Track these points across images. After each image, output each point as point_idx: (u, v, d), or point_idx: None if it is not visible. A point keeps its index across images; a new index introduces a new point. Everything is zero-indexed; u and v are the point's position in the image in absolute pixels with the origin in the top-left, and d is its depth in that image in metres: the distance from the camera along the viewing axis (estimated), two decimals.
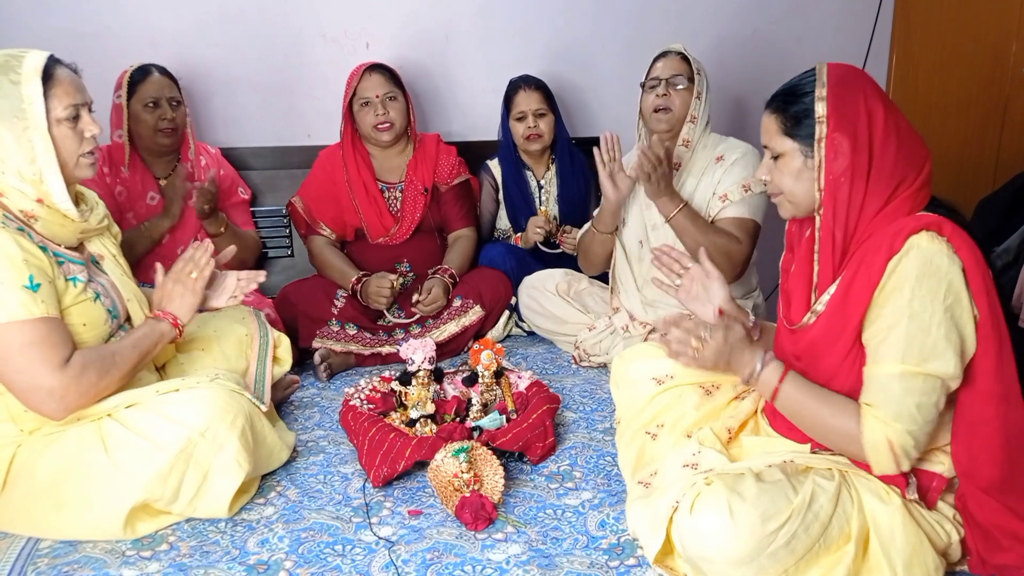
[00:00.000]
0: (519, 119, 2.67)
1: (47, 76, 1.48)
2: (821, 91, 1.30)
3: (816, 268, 1.36)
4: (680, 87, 2.20)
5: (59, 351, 1.47)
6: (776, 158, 1.38)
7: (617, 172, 2.20)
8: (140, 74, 2.42)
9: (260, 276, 1.81)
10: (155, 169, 2.52)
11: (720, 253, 2.13)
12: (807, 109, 1.32)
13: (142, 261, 2.39)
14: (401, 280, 2.49)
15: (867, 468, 1.31)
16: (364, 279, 2.48)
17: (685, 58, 2.22)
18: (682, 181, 2.24)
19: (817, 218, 1.33)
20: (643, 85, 2.26)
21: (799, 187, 1.36)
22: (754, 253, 2.27)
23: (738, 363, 1.42)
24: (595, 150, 2.21)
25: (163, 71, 2.46)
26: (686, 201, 2.16)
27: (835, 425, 1.32)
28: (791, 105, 1.35)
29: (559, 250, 2.70)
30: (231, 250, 1.86)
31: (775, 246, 2.22)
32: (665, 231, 2.21)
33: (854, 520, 1.27)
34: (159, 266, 1.79)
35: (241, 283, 1.84)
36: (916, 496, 1.31)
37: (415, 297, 2.48)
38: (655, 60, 2.26)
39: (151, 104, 2.40)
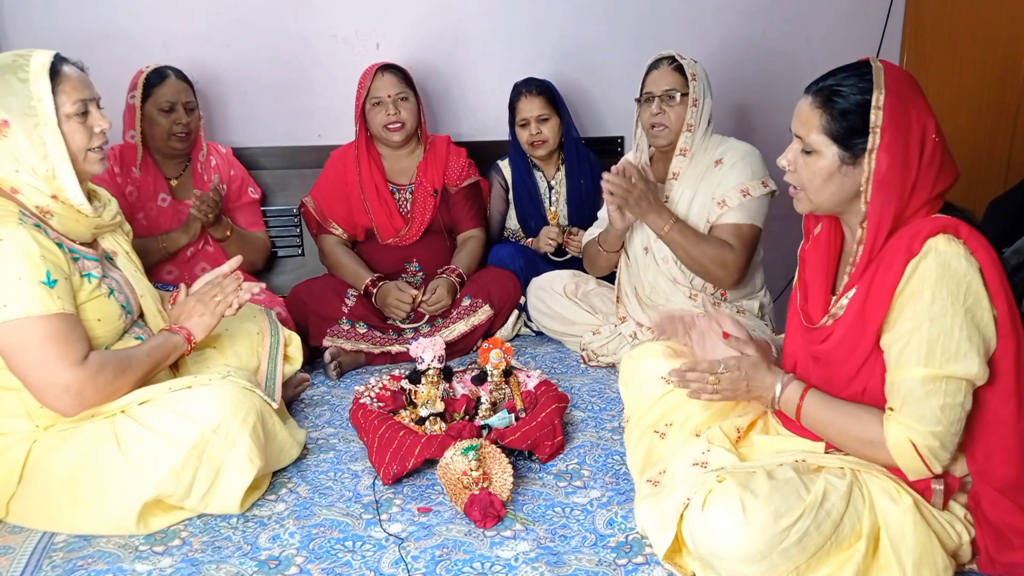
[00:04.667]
0: (522, 126, 2.67)
1: (54, 73, 1.50)
2: (879, 98, 1.26)
3: (841, 271, 1.36)
4: (674, 101, 2.16)
5: (76, 347, 1.49)
6: (806, 152, 1.34)
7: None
8: (157, 77, 2.41)
9: (255, 288, 1.82)
10: (166, 170, 2.52)
11: (713, 263, 2.13)
12: (855, 111, 1.28)
13: (154, 268, 2.38)
14: (421, 294, 2.48)
15: (902, 475, 1.31)
16: (381, 284, 2.49)
17: (678, 67, 2.17)
18: (680, 190, 2.21)
19: (856, 227, 1.32)
20: (638, 99, 2.23)
21: (826, 189, 1.33)
22: (758, 254, 2.24)
23: (759, 388, 1.44)
24: (603, 178, 2.14)
25: (180, 75, 2.45)
26: (677, 216, 2.15)
27: (860, 435, 1.32)
28: (837, 103, 1.29)
29: (568, 257, 2.70)
30: (237, 259, 1.85)
31: (782, 244, 2.23)
32: None
33: (865, 518, 1.27)
34: (183, 285, 1.82)
35: (240, 294, 1.79)
36: (941, 504, 1.31)
37: (420, 297, 2.49)
38: (648, 72, 2.22)
39: (166, 108, 2.40)
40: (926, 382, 1.24)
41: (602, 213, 2.47)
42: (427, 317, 2.51)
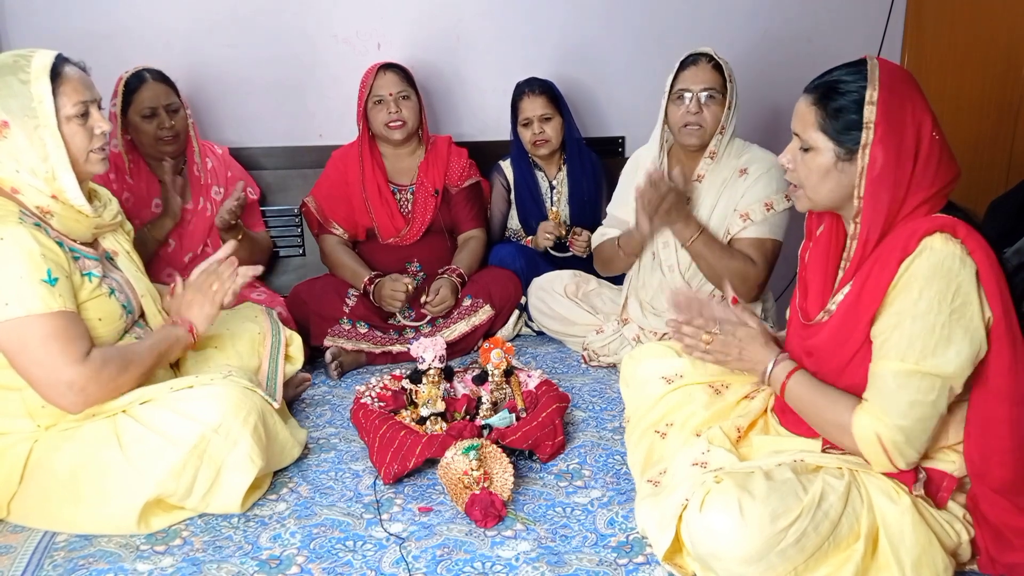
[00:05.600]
0: (525, 125, 2.67)
1: (55, 74, 1.50)
2: (872, 94, 1.26)
3: (840, 273, 1.36)
4: (712, 101, 2.10)
5: (78, 345, 1.49)
6: (805, 149, 1.35)
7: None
8: (135, 81, 2.37)
9: (255, 270, 1.80)
10: (160, 174, 2.46)
11: (735, 277, 2.10)
12: (850, 108, 1.28)
13: (149, 265, 2.35)
14: (414, 282, 2.50)
15: (900, 474, 1.31)
16: (377, 280, 2.50)
17: (716, 65, 2.12)
18: (704, 195, 2.18)
19: (853, 225, 1.32)
20: (669, 94, 2.17)
21: (824, 186, 1.34)
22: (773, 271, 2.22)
23: (751, 359, 1.45)
24: (636, 188, 2.08)
25: (159, 76, 2.41)
26: (703, 227, 2.11)
27: (830, 417, 1.33)
28: (833, 100, 1.30)
29: (569, 253, 2.70)
30: (231, 245, 1.84)
31: (784, 246, 2.23)
32: (675, 244, 2.19)
33: (863, 519, 1.28)
34: (179, 277, 1.81)
35: (236, 280, 1.79)
36: (922, 492, 1.31)
37: (423, 297, 2.49)
38: (683, 66, 2.14)
39: (148, 114, 2.37)
40: (899, 376, 1.25)
41: (611, 210, 2.44)
42: (429, 317, 2.51)
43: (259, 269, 1.83)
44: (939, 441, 1.33)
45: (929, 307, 1.23)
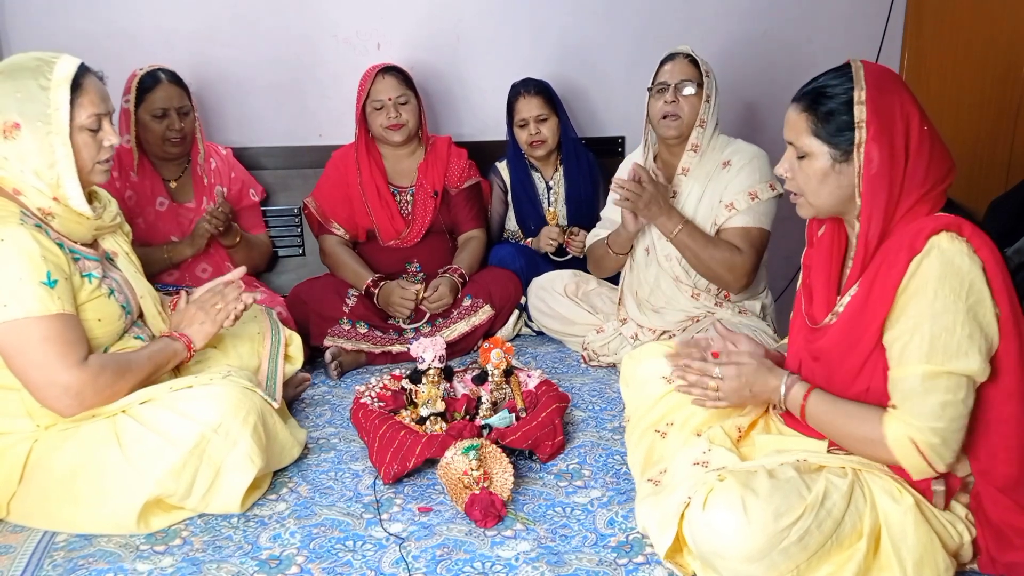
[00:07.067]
0: (521, 126, 2.67)
1: (75, 84, 1.51)
2: (860, 94, 1.28)
3: (847, 272, 1.36)
4: (689, 92, 2.16)
5: (76, 348, 1.49)
6: (800, 157, 1.36)
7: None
8: (150, 80, 2.38)
9: (252, 297, 1.81)
10: (164, 172, 2.50)
11: (721, 266, 2.13)
12: (840, 110, 1.30)
13: (155, 276, 2.37)
14: (423, 289, 2.49)
15: (906, 475, 1.31)
16: (382, 284, 2.49)
17: (693, 61, 2.18)
18: (689, 187, 2.21)
19: (856, 224, 1.33)
20: (650, 89, 2.23)
21: (823, 190, 1.34)
22: (763, 258, 2.24)
23: (763, 391, 1.45)
24: (613, 183, 2.15)
25: (173, 78, 2.42)
26: (686, 219, 2.15)
27: (862, 435, 1.32)
28: (822, 104, 1.32)
29: (568, 256, 2.70)
30: (241, 270, 1.87)
31: (783, 244, 2.23)
32: None
33: (866, 518, 1.27)
34: (184, 292, 1.83)
35: (238, 305, 1.79)
36: (942, 504, 1.31)
37: (421, 294, 2.49)
38: (662, 63, 2.22)
39: (159, 115, 2.38)
40: (927, 379, 1.24)
41: (605, 213, 2.47)
42: (428, 316, 2.51)
43: (259, 295, 1.84)
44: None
45: (946, 306, 1.23)
